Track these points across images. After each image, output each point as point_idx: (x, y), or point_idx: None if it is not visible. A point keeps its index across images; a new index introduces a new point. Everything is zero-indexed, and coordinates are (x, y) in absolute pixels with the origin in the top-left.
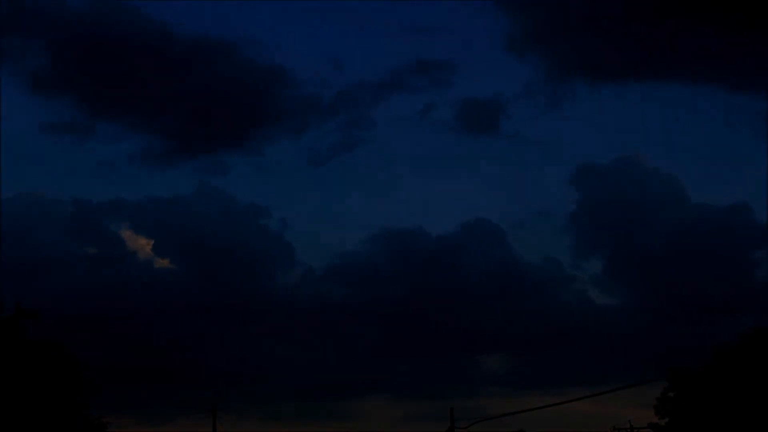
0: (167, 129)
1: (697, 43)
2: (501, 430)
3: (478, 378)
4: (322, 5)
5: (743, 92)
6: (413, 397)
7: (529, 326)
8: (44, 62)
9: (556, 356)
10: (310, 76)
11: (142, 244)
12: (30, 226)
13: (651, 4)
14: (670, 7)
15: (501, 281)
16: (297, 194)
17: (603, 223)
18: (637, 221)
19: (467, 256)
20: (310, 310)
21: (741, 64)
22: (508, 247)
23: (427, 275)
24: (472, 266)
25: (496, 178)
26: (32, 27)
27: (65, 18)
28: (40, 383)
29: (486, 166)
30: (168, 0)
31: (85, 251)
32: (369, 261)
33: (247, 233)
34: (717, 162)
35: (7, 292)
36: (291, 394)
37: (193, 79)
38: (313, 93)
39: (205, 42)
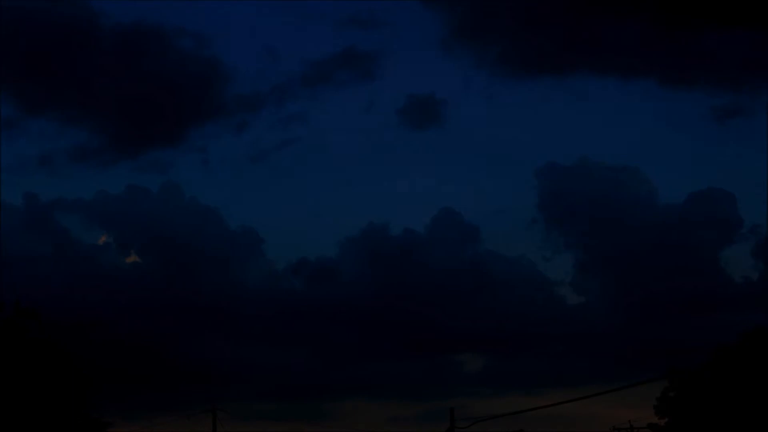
0: (103, 125)
1: (628, 37)
2: (501, 430)
3: (457, 378)
4: None
5: (677, 87)
6: (393, 397)
7: (503, 324)
8: None
9: (531, 355)
10: (248, 68)
11: (97, 241)
12: None
13: None
14: (603, 1)
15: (473, 278)
16: (246, 192)
17: (567, 220)
18: (602, 217)
19: (436, 251)
20: (275, 309)
21: (673, 58)
22: (477, 243)
23: (395, 272)
24: (442, 262)
25: (450, 174)
26: None
27: None
28: (39, 383)
29: (438, 162)
30: None
31: (40, 248)
32: (332, 259)
33: (205, 231)
34: (659, 157)
35: None
36: (266, 395)
37: (129, 72)
38: (252, 87)
39: (139, 31)
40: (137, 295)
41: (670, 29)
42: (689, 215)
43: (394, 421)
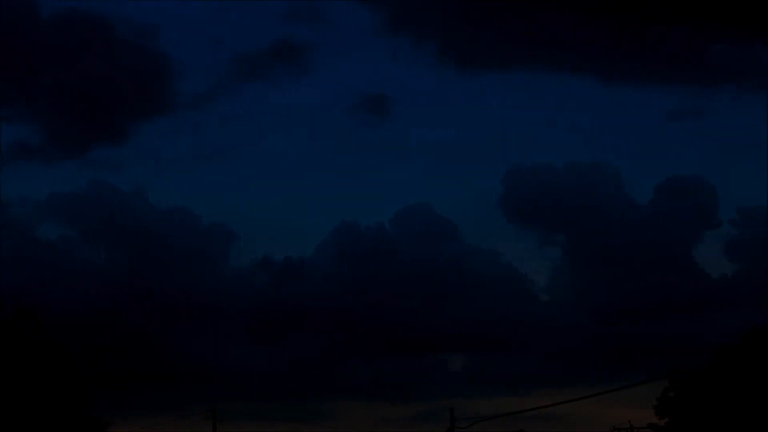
0: (46, 121)
1: (566, 33)
2: (501, 430)
3: (443, 378)
4: None
5: (616, 84)
6: (378, 398)
7: (482, 323)
8: None
9: (512, 355)
10: (195, 62)
11: (56, 238)
12: None
13: None
14: None
15: (450, 275)
16: (203, 190)
17: (533, 216)
18: (575, 214)
19: (408, 247)
20: (247, 309)
21: (612, 55)
22: (449, 238)
23: (369, 270)
24: (415, 258)
25: (411, 171)
26: None
27: None
28: (39, 383)
29: (397, 158)
30: None
31: None
32: (303, 257)
33: (170, 230)
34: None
35: None
36: (249, 395)
37: (69, 66)
38: (200, 81)
39: (81, 23)
40: (105, 293)
41: (615, 25)
42: (659, 208)
43: (387, 421)
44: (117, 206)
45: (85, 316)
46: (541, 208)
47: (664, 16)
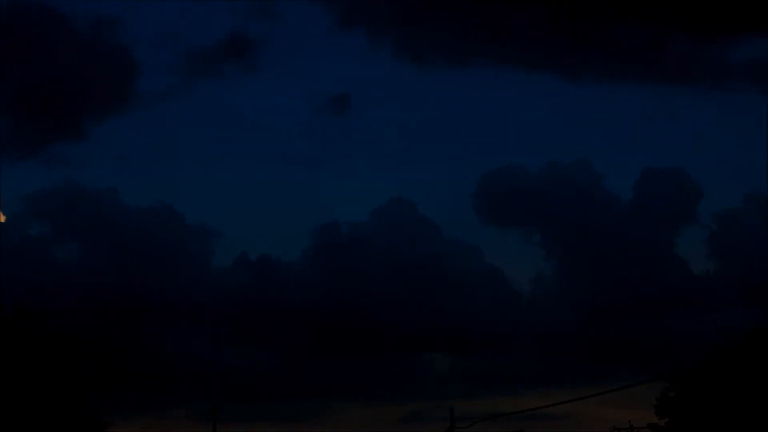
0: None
1: (525, 29)
2: (501, 430)
3: (429, 379)
4: None
5: (575, 80)
6: (361, 398)
7: (465, 323)
8: None
9: (498, 355)
10: (154, 55)
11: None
12: None
13: None
14: None
15: (428, 272)
16: (179, 188)
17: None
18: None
19: (390, 245)
20: (225, 309)
21: (573, 52)
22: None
23: (347, 267)
24: (395, 256)
25: (387, 165)
26: None
27: None
28: (39, 383)
29: (367, 156)
30: None
31: None
32: (278, 256)
33: (144, 228)
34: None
35: None
36: (230, 396)
37: (25, 59)
38: (159, 75)
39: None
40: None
41: (570, 22)
42: (640, 204)
43: (378, 422)
44: (91, 205)
45: (63, 316)
46: (518, 207)
47: (622, 14)
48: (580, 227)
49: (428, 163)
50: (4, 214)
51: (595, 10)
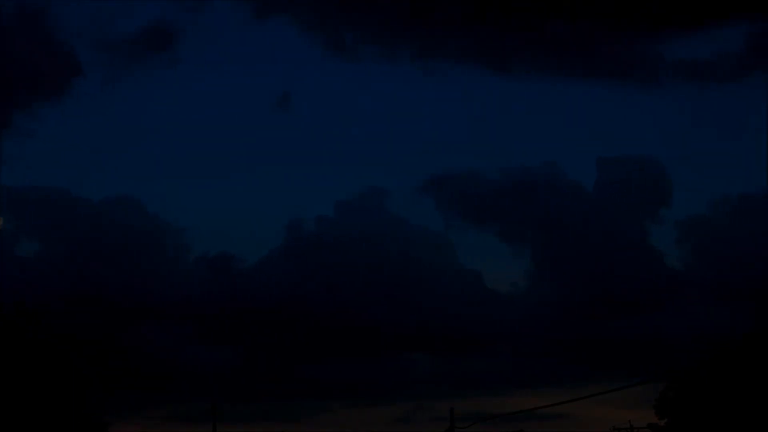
0: None
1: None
2: (500, 430)
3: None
4: None
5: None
6: (341, 399)
7: (439, 322)
8: None
9: (477, 354)
10: (77, 41)
11: None
12: None
13: None
14: None
15: (398, 269)
16: (135, 182)
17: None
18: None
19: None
20: (193, 308)
21: (504, 47)
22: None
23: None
24: (363, 254)
25: (333, 159)
26: None
27: None
28: (39, 383)
29: (318, 153)
30: None
31: None
32: (235, 252)
33: (105, 223)
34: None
35: None
36: (205, 396)
37: None
38: (91, 67)
39: None
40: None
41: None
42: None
43: (372, 424)
44: (43, 199)
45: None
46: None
47: (555, 9)
48: (542, 221)
49: (373, 163)
50: None
51: (528, 5)
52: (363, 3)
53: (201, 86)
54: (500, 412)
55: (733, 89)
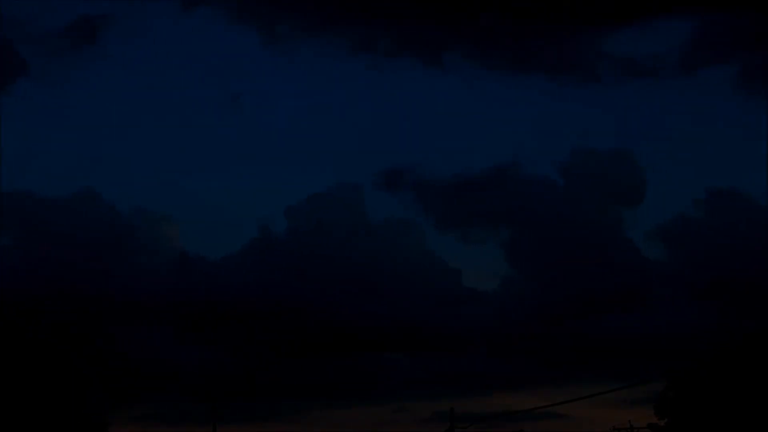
0: None
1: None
2: (500, 430)
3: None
4: None
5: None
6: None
7: (416, 321)
8: None
9: (450, 353)
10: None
11: None
12: None
13: None
14: None
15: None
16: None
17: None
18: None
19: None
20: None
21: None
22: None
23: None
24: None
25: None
26: None
27: None
28: (39, 383)
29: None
30: None
31: None
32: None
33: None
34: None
35: None
36: (186, 395)
37: None
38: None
39: None
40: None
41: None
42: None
43: (365, 424)
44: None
45: None
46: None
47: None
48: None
49: (331, 159)
50: None
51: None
52: None
53: (136, 81)
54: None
55: (676, 84)
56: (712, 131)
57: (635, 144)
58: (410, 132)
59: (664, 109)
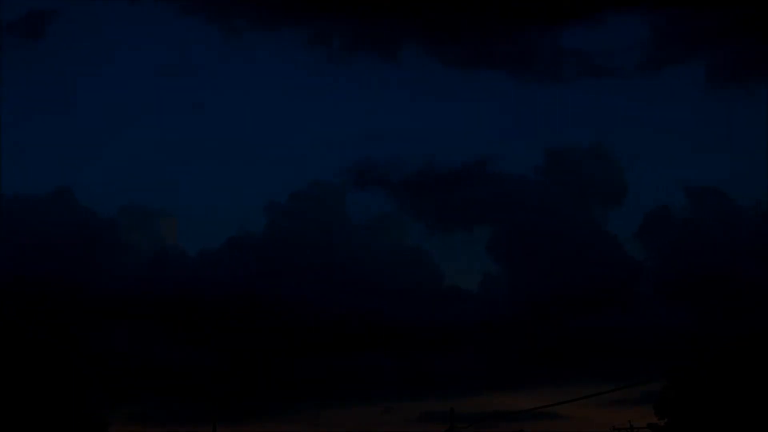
0: None
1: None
2: (500, 430)
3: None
4: None
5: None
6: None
7: (396, 319)
8: None
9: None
10: None
11: None
12: None
13: None
14: None
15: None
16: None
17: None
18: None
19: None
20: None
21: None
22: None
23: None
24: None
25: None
26: None
27: None
28: (39, 382)
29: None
30: None
31: None
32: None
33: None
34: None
35: None
36: (167, 394)
37: None
38: None
39: None
40: None
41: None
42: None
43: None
44: None
45: None
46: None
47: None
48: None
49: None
50: None
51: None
52: None
53: (94, 75)
54: (498, 412)
55: (636, 82)
56: (681, 126)
57: (606, 140)
58: (376, 127)
59: (630, 105)
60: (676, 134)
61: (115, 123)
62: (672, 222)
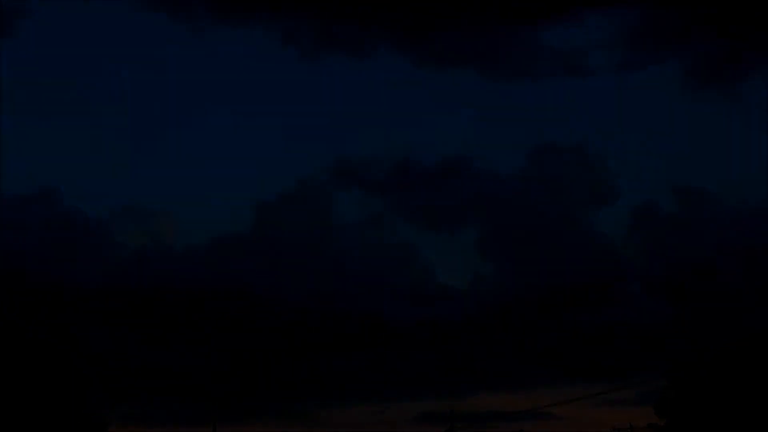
0: None
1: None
2: (499, 430)
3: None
4: None
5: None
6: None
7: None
8: None
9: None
10: None
11: None
12: None
13: None
14: None
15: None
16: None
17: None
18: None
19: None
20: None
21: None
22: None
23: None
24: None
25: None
26: None
27: None
28: (39, 382)
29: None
30: None
31: None
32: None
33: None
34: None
35: None
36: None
37: None
38: None
39: None
40: None
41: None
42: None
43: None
44: None
45: None
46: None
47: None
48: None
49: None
50: None
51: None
52: None
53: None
54: (499, 412)
55: (613, 81)
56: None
57: (585, 139)
58: (352, 125)
59: (607, 104)
60: (656, 134)
61: (103, 122)
62: (659, 219)
